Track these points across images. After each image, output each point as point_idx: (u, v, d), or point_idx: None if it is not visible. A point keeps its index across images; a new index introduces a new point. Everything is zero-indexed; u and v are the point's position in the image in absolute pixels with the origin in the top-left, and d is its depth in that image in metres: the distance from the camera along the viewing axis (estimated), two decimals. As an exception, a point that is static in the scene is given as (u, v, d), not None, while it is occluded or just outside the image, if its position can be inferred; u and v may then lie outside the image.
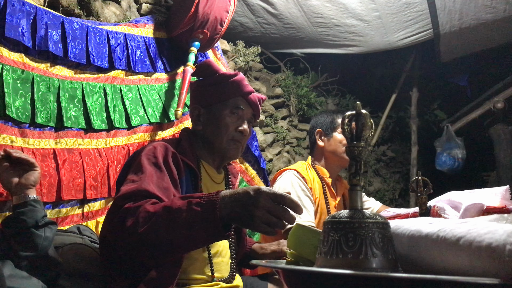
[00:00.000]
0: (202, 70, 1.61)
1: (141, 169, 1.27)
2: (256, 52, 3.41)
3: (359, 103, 0.74)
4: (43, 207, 1.32)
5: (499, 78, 4.11)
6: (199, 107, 1.57)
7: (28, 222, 1.23)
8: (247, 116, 1.57)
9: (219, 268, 1.44)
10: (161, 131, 2.20)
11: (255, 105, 1.58)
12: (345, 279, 0.61)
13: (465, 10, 3.36)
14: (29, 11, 1.72)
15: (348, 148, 0.74)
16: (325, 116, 2.29)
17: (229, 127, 1.52)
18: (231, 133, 1.52)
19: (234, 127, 1.53)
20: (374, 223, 0.67)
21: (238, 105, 1.54)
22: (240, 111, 1.54)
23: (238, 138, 1.53)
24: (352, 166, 0.72)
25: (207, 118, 1.55)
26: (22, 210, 1.25)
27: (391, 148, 4.96)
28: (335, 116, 2.25)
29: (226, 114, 1.52)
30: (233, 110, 1.53)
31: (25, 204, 1.26)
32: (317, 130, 2.27)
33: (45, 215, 1.29)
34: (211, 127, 1.53)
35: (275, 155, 3.51)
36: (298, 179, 2.09)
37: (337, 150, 2.18)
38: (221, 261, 1.45)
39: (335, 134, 2.20)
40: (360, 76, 4.78)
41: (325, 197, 2.14)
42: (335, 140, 2.19)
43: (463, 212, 1.04)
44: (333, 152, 2.19)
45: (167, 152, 1.37)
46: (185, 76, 2.21)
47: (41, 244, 1.22)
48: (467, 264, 0.58)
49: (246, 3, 3.38)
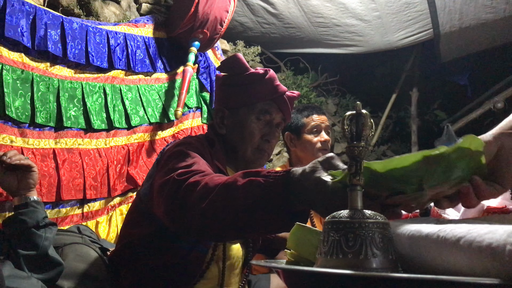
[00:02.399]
0: (228, 65, 1.42)
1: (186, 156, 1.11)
2: (256, 52, 3.41)
3: (359, 103, 0.74)
4: (43, 208, 1.32)
5: (499, 78, 4.11)
6: (224, 109, 1.39)
7: (29, 222, 1.23)
8: (276, 121, 1.39)
9: (229, 280, 1.36)
10: (161, 131, 2.20)
11: (286, 108, 1.39)
12: (345, 279, 0.61)
13: (465, 10, 3.36)
14: (28, 11, 1.72)
15: (348, 148, 0.74)
16: (292, 120, 2.10)
17: (255, 135, 1.35)
18: (256, 142, 1.36)
19: (261, 135, 1.36)
20: (374, 223, 0.67)
21: (266, 110, 1.36)
22: (268, 116, 1.37)
23: (264, 147, 1.37)
24: (352, 166, 0.72)
25: (231, 122, 1.38)
26: (23, 211, 1.25)
27: (391, 148, 4.96)
28: (300, 116, 2.09)
29: (252, 120, 1.35)
30: (260, 115, 1.36)
31: (26, 205, 1.27)
32: (286, 134, 2.13)
33: (45, 216, 1.30)
34: (235, 132, 1.37)
35: (275, 155, 3.51)
36: None
37: (309, 151, 2.05)
38: (232, 273, 1.37)
39: (304, 135, 2.07)
40: (360, 76, 4.78)
41: None
42: (304, 141, 2.06)
43: (463, 212, 1.04)
44: (306, 153, 2.06)
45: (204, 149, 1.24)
46: (185, 76, 2.21)
47: (42, 244, 1.23)
48: (467, 264, 0.58)
49: (246, 3, 3.38)
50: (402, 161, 0.70)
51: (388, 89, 4.66)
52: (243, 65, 1.38)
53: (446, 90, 5.00)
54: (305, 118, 2.10)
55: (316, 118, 2.09)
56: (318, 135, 2.07)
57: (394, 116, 4.86)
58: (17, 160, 1.28)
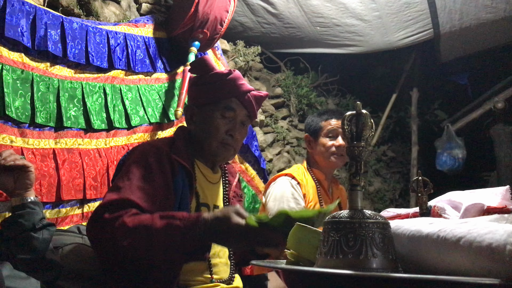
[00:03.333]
0: (197, 67, 1.55)
1: (128, 175, 1.26)
2: (256, 52, 3.41)
3: (359, 103, 0.74)
4: (42, 209, 1.30)
5: (499, 78, 4.11)
6: (193, 107, 1.52)
7: (26, 225, 1.21)
8: (240, 117, 1.50)
9: (218, 269, 1.43)
10: (161, 131, 2.20)
11: (250, 105, 1.50)
12: (345, 279, 0.61)
13: (465, 10, 3.36)
14: (28, 11, 1.72)
15: (348, 148, 0.74)
16: (310, 120, 2.21)
17: (220, 130, 1.45)
18: (221, 136, 1.46)
19: (225, 130, 1.46)
20: (374, 223, 0.67)
21: (230, 106, 1.47)
22: (231, 113, 1.47)
23: (228, 141, 1.47)
24: (352, 166, 0.72)
25: (199, 119, 1.50)
26: (20, 213, 1.23)
27: (391, 148, 4.96)
28: (319, 119, 2.15)
29: (217, 116, 1.46)
30: (224, 112, 1.46)
31: (24, 206, 1.25)
32: (305, 136, 2.21)
33: (43, 217, 1.27)
34: (202, 128, 1.48)
35: (275, 155, 3.51)
36: (292, 187, 2.02)
37: (323, 155, 2.10)
38: (219, 262, 1.44)
39: (320, 139, 2.11)
40: (360, 76, 4.78)
41: (320, 202, 2.08)
42: (320, 144, 2.11)
43: (463, 212, 1.04)
44: (321, 157, 2.11)
45: (159, 153, 1.34)
46: (185, 76, 2.21)
47: (39, 247, 1.21)
48: (467, 264, 0.58)
49: (246, 3, 3.38)
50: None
51: (388, 89, 4.66)
52: (209, 66, 1.50)
53: (446, 90, 5.00)
54: (323, 122, 2.12)
55: (334, 122, 2.10)
56: (334, 140, 2.09)
57: (394, 116, 4.86)
58: (12, 161, 1.26)
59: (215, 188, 1.53)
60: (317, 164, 2.16)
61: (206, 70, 1.50)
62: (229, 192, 1.58)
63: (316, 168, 2.16)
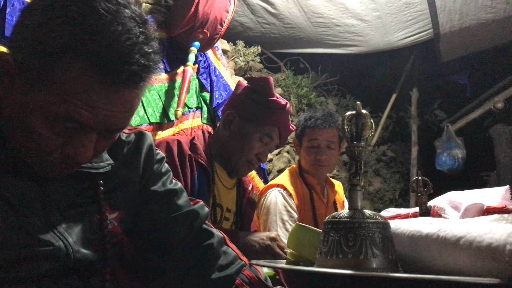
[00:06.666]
0: (259, 83, 1.57)
1: None
2: (256, 52, 3.41)
3: (359, 103, 0.74)
4: None
5: (499, 78, 4.11)
6: (236, 115, 1.56)
7: None
8: (272, 145, 1.59)
9: None
10: (161, 131, 2.20)
11: (284, 138, 1.61)
12: (345, 279, 0.61)
13: (465, 10, 3.36)
14: (29, 11, 1.72)
15: (348, 148, 0.74)
16: (298, 121, 2.07)
17: (253, 151, 1.53)
18: (251, 157, 1.54)
19: (256, 152, 1.54)
20: (374, 223, 0.67)
21: (271, 135, 1.55)
22: (269, 140, 1.55)
23: (254, 163, 1.57)
24: (352, 166, 0.72)
25: (237, 129, 1.55)
26: None
27: (391, 148, 4.95)
28: (305, 124, 1.99)
29: (256, 138, 1.53)
30: (264, 137, 1.54)
31: None
32: (293, 140, 2.09)
33: None
34: (237, 140, 1.54)
35: (275, 155, 3.51)
36: (283, 200, 1.89)
37: (307, 163, 1.99)
38: None
39: (303, 147, 2.00)
40: (360, 76, 4.77)
41: (313, 209, 1.97)
42: (303, 150, 2.00)
43: (463, 212, 1.04)
44: (306, 164, 2.00)
45: (181, 149, 1.40)
46: (185, 76, 2.21)
47: None
48: (467, 264, 0.58)
49: (246, 3, 3.38)
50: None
51: (388, 89, 4.66)
52: (271, 90, 1.55)
53: (446, 90, 5.00)
54: (307, 129, 1.98)
55: (317, 131, 1.95)
56: (315, 150, 1.96)
57: (394, 116, 4.86)
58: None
59: (230, 194, 1.60)
60: (306, 169, 2.04)
61: (266, 93, 1.55)
62: (244, 199, 1.65)
63: (307, 174, 2.03)
